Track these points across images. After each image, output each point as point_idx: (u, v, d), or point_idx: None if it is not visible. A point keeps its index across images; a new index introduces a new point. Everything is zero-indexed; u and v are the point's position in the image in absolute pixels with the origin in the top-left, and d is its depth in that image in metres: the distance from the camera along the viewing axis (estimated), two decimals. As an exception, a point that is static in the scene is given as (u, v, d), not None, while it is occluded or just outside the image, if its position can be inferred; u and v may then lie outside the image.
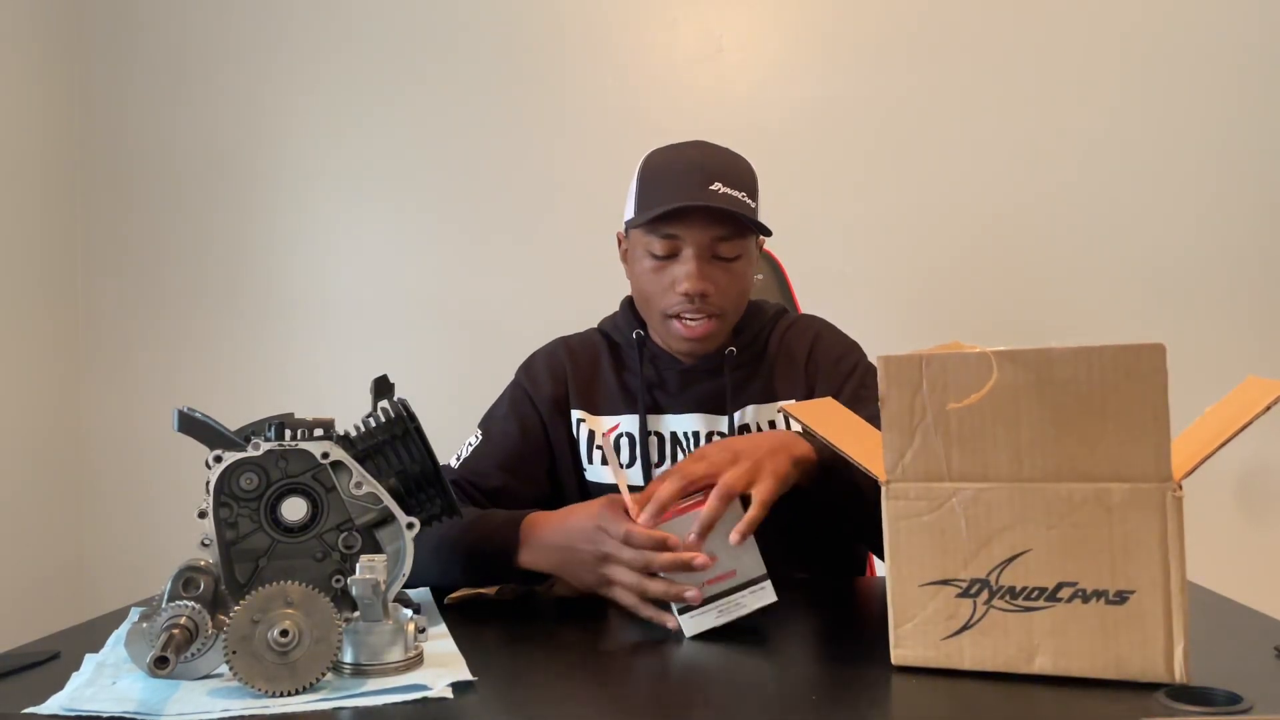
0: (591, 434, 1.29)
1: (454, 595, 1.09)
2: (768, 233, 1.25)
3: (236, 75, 2.43)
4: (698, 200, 1.18)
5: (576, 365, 1.34)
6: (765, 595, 0.92)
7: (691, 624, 0.90)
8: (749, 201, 1.22)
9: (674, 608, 0.91)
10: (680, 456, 1.27)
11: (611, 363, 1.34)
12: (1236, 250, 2.18)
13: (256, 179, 2.42)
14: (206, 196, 2.42)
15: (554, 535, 1.03)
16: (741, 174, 1.24)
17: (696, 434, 1.27)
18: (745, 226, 1.21)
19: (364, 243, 2.40)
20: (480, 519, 1.12)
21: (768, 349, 1.32)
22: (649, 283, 1.24)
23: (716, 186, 1.19)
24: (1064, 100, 2.23)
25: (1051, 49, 2.23)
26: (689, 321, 1.22)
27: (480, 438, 1.31)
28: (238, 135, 2.42)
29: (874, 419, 0.78)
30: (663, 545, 0.93)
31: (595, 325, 1.40)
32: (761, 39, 2.32)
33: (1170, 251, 2.19)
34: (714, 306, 1.22)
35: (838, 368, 1.30)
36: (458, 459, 1.29)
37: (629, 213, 1.27)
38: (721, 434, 1.27)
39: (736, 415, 1.27)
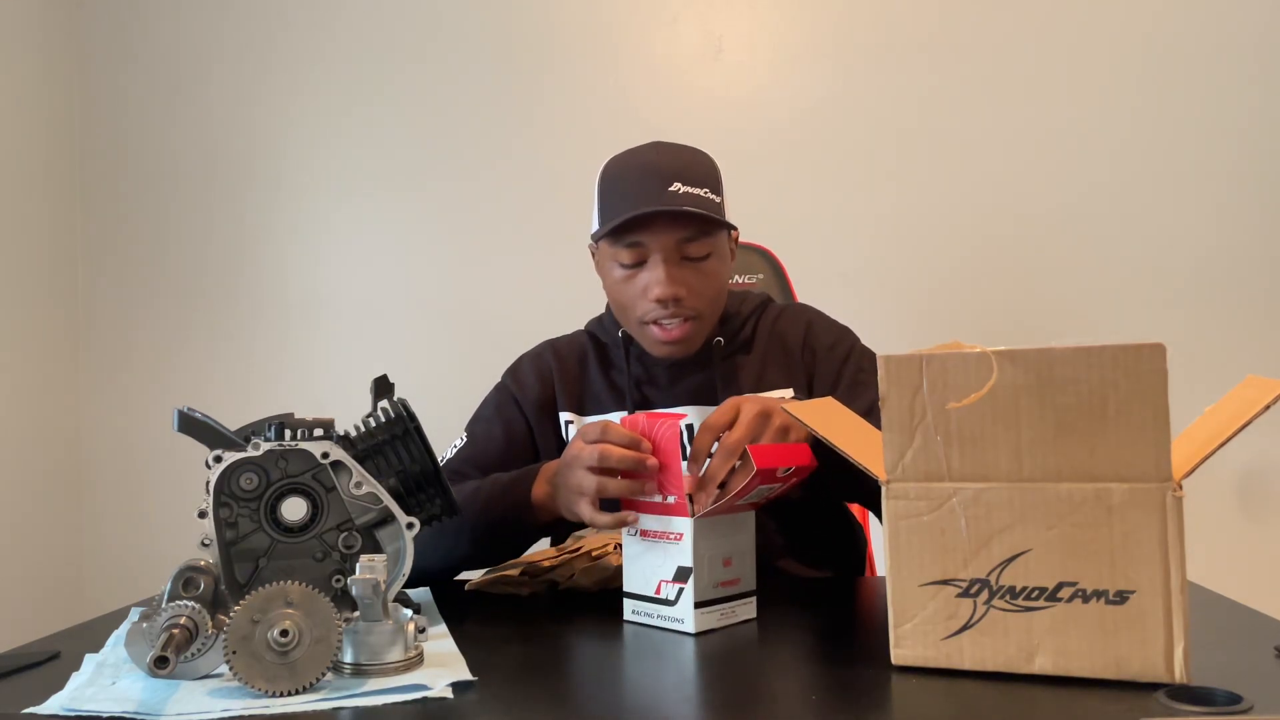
0: None
1: (478, 580, 1.09)
2: (733, 227, 1.24)
3: (235, 76, 2.43)
4: (657, 205, 1.16)
5: (563, 367, 1.34)
6: (750, 609, 0.96)
7: (701, 620, 0.90)
8: (712, 197, 1.20)
9: (687, 600, 0.90)
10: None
11: (599, 362, 1.33)
12: (1237, 250, 2.18)
13: (256, 179, 2.42)
14: (206, 197, 2.43)
15: (556, 465, 1.06)
16: (701, 170, 1.21)
17: (690, 425, 1.27)
18: (711, 224, 1.19)
19: (364, 243, 2.40)
20: (483, 483, 1.14)
21: (756, 337, 1.32)
22: (621, 292, 1.23)
23: (676, 187, 1.17)
24: (1064, 100, 2.22)
25: (1053, 50, 2.23)
26: (665, 324, 1.22)
27: (465, 440, 1.31)
28: (237, 136, 2.42)
29: (874, 405, 0.78)
30: (617, 437, 0.95)
31: (583, 327, 1.41)
32: (761, 39, 2.32)
33: (1171, 251, 2.19)
34: (689, 309, 1.21)
35: (833, 353, 1.30)
36: (441, 461, 1.29)
37: (594, 225, 1.26)
38: None
39: None
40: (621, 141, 1.36)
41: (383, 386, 0.92)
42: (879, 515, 0.80)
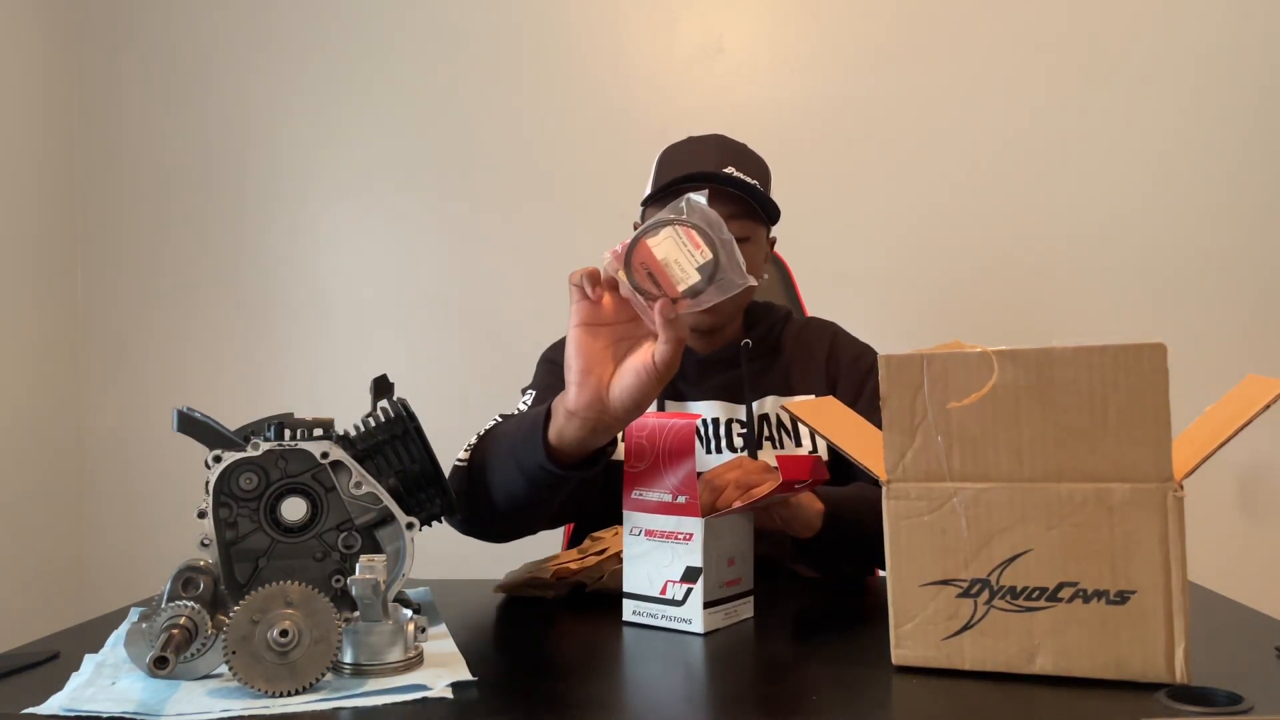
0: None
1: (506, 582, 1.09)
2: (775, 216, 1.28)
3: (234, 74, 2.43)
4: (711, 170, 1.22)
5: None
6: (748, 608, 0.97)
7: (709, 620, 0.91)
8: (762, 190, 1.26)
9: (696, 600, 0.90)
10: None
11: None
12: (1236, 250, 2.18)
13: (255, 178, 2.42)
14: (205, 196, 2.42)
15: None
16: (755, 164, 1.30)
17: (716, 420, 1.30)
18: (754, 209, 1.25)
19: (363, 242, 2.39)
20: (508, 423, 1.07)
21: (782, 344, 1.37)
22: None
23: (730, 170, 1.23)
24: (1065, 101, 2.22)
25: (1054, 50, 2.23)
26: None
27: (533, 397, 1.29)
28: (236, 134, 2.42)
29: None
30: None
31: None
32: (762, 39, 2.32)
33: (1170, 251, 2.19)
34: None
35: (857, 365, 1.35)
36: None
37: (646, 193, 1.32)
38: (740, 420, 1.29)
39: (755, 404, 1.30)
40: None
41: (382, 386, 0.92)
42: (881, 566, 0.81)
